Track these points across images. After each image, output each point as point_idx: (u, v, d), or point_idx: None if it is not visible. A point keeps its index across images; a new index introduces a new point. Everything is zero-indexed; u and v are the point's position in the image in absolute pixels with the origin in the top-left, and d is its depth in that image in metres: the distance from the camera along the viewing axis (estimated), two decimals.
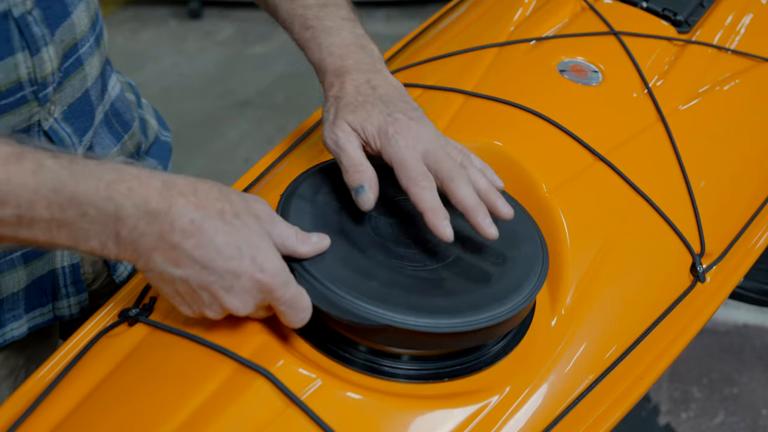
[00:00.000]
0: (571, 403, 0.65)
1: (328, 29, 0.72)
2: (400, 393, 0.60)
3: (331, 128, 0.67)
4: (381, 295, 0.59)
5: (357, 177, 0.64)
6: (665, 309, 0.73)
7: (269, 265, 0.56)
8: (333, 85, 0.69)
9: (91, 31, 0.72)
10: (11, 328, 0.73)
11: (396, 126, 0.65)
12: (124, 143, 0.81)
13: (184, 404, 0.56)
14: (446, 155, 0.64)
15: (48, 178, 0.51)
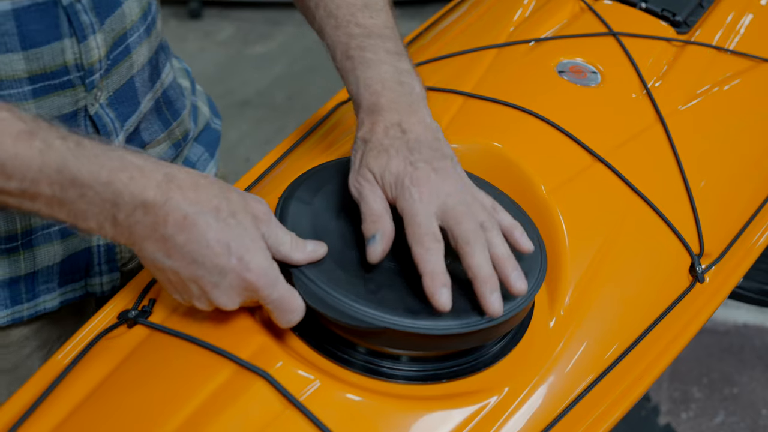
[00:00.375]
0: (570, 403, 0.65)
1: (368, 62, 0.68)
2: (398, 394, 0.60)
3: (355, 175, 0.64)
4: (379, 297, 0.59)
5: (372, 227, 0.61)
6: (664, 309, 0.74)
7: (256, 265, 0.56)
8: (363, 124, 0.66)
9: (142, 21, 0.72)
10: (44, 299, 0.75)
11: (415, 176, 0.61)
12: (171, 130, 0.82)
13: (183, 406, 0.56)
14: (466, 213, 0.60)
15: (53, 158, 0.53)
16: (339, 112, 0.89)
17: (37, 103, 0.65)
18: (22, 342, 0.76)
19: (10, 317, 0.74)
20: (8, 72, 0.62)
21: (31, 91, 0.64)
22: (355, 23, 0.70)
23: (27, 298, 0.74)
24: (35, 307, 0.74)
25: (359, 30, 0.70)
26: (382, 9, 0.72)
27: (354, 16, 0.70)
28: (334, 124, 0.87)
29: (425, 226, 0.59)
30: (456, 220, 0.60)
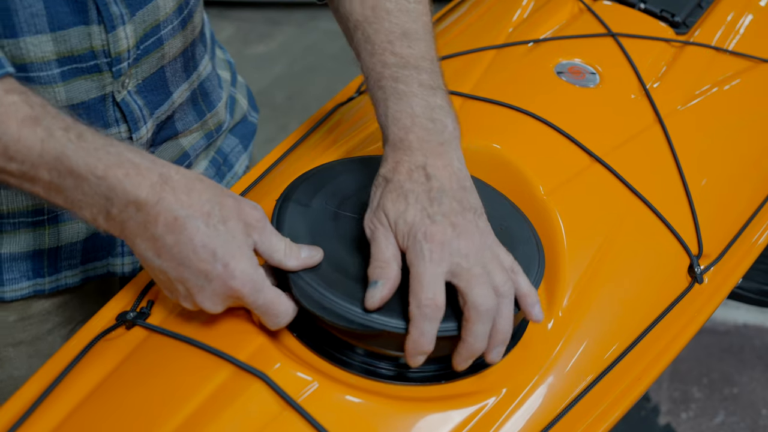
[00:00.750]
0: (569, 404, 0.65)
1: (400, 94, 0.65)
2: (396, 395, 0.60)
3: (371, 215, 0.62)
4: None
5: (377, 273, 0.59)
6: (663, 310, 0.74)
7: (240, 272, 0.57)
8: (387, 161, 0.63)
9: (177, 14, 0.72)
10: (65, 275, 0.76)
11: (430, 231, 0.58)
12: (205, 121, 0.82)
13: (181, 407, 0.56)
14: (480, 277, 0.58)
15: (53, 147, 0.54)
16: (339, 112, 0.89)
17: (66, 86, 0.66)
18: (44, 316, 0.78)
19: (31, 289, 0.75)
20: (38, 54, 0.63)
21: (59, 73, 0.65)
22: (390, 51, 0.67)
23: (49, 272, 0.75)
24: (57, 281, 0.76)
25: (394, 59, 0.66)
26: (421, 38, 0.68)
27: (391, 43, 0.67)
28: (334, 125, 0.87)
29: (429, 290, 0.57)
30: (468, 284, 0.58)
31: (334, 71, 2.89)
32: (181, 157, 0.81)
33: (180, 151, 0.80)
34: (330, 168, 0.72)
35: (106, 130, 0.70)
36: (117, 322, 0.64)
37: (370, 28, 0.68)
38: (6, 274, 0.74)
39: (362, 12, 0.69)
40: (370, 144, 0.81)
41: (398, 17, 0.68)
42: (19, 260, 0.74)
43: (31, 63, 0.63)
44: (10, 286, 0.74)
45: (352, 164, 0.73)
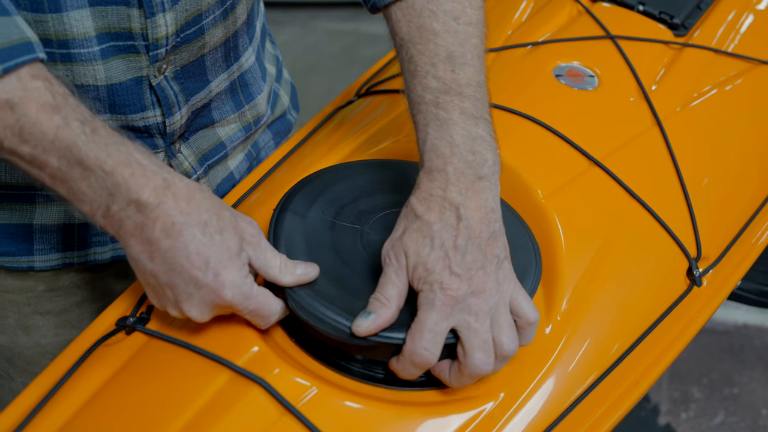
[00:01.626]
0: (567, 409, 0.65)
1: (441, 121, 0.62)
2: (395, 400, 0.61)
3: (391, 245, 0.60)
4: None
5: (374, 305, 0.58)
6: (661, 314, 0.74)
7: (230, 282, 0.58)
8: (420, 189, 0.61)
9: (219, 5, 0.72)
10: (95, 251, 0.78)
11: (446, 283, 0.57)
12: (242, 113, 0.83)
13: (181, 413, 0.57)
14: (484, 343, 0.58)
15: (67, 136, 0.55)
16: (339, 114, 0.89)
17: (105, 65, 0.67)
18: (72, 289, 0.80)
19: (60, 261, 0.77)
20: (80, 29, 0.64)
21: (99, 51, 0.66)
22: (433, 75, 0.64)
23: (78, 246, 0.77)
24: (86, 256, 0.77)
25: (436, 84, 0.64)
26: (468, 63, 0.65)
27: (434, 66, 0.64)
28: (335, 128, 0.87)
29: (427, 341, 0.57)
30: (470, 344, 0.58)
31: (335, 71, 2.89)
32: (217, 147, 0.81)
33: (216, 140, 0.81)
34: (327, 174, 0.72)
35: (142, 112, 0.71)
36: (117, 327, 0.65)
37: (414, 48, 0.66)
38: (37, 244, 0.75)
39: (408, 31, 0.67)
40: (370, 147, 0.82)
41: (444, 39, 0.65)
42: (50, 232, 0.75)
43: (73, 39, 0.64)
44: (40, 257, 0.76)
45: (350, 169, 0.73)
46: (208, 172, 0.81)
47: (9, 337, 0.81)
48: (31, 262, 0.76)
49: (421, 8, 0.66)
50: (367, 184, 0.72)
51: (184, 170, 0.78)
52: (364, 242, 0.66)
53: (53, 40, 0.64)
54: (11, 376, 0.84)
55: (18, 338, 0.81)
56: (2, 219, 0.74)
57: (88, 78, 0.67)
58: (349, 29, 2.89)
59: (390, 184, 0.72)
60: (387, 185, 0.72)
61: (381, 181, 0.72)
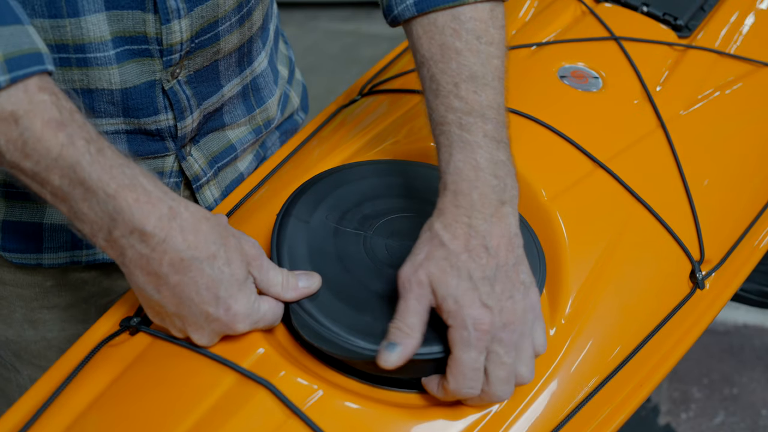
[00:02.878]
0: (571, 411, 0.65)
1: (466, 143, 0.62)
2: (401, 403, 0.60)
3: (412, 270, 0.59)
4: (374, 328, 0.59)
5: (398, 336, 0.58)
6: (665, 316, 0.74)
7: (242, 315, 0.58)
8: (445, 214, 0.60)
9: (236, 12, 0.72)
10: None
11: (480, 318, 0.57)
12: (253, 116, 0.83)
13: (186, 416, 0.56)
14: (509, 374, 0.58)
15: (71, 155, 0.54)
16: (342, 114, 0.89)
17: (120, 69, 0.66)
18: (79, 285, 0.80)
19: (68, 259, 0.77)
20: (96, 33, 0.63)
21: (114, 55, 0.65)
22: (455, 95, 0.63)
23: (87, 245, 0.76)
24: (94, 255, 0.77)
25: (459, 104, 0.63)
26: (489, 84, 0.64)
27: (457, 87, 0.63)
28: (337, 127, 0.87)
29: (470, 380, 0.58)
30: (495, 374, 0.58)
31: (334, 71, 2.89)
32: (227, 149, 0.81)
33: (226, 143, 0.81)
34: (331, 176, 0.72)
35: (155, 116, 0.71)
36: (121, 328, 0.64)
37: (435, 67, 0.64)
38: (46, 242, 0.75)
39: (429, 48, 0.65)
40: (373, 146, 0.81)
41: (467, 58, 0.64)
42: (59, 231, 0.75)
43: (90, 43, 0.64)
44: (48, 254, 0.76)
45: (353, 171, 0.73)
46: (218, 174, 0.81)
47: (16, 331, 0.81)
48: (40, 260, 0.76)
49: (443, 26, 0.65)
50: (371, 186, 0.72)
51: (194, 172, 0.78)
52: (368, 248, 0.66)
53: (70, 44, 0.63)
54: (18, 369, 0.84)
55: (25, 332, 0.81)
56: (13, 216, 0.74)
57: (103, 82, 0.67)
58: (349, 29, 2.88)
59: (396, 187, 0.72)
60: (392, 187, 0.72)
61: (386, 182, 0.72)
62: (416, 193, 0.72)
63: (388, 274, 0.64)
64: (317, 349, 0.61)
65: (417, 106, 0.86)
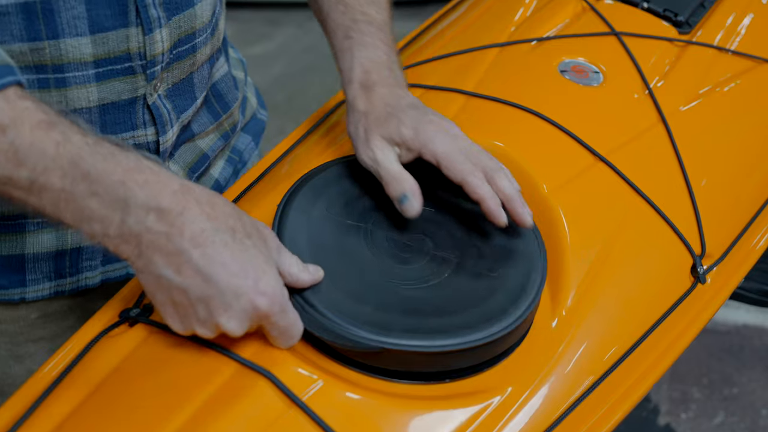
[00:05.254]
0: (572, 404, 0.65)
1: (365, 44, 0.73)
2: (401, 394, 0.60)
3: (366, 145, 0.68)
4: (375, 318, 0.59)
5: (398, 188, 0.65)
6: (666, 310, 0.73)
7: (271, 290, 0.55)
8: (358, 98, 0.70)
9: (210, 24, 0.74)
10: (86, 276, 0.76)
11: (433, 126, 0.67)
12: (220, 123, 0.83)
13: (185, 405, 0.56)
14: (482, 153, 0.67)
15: (69, 150, 0.52)
16: (339, 111, 0.89)
17: (99, 87, 0.66)
18: (64, 313, 0.78)
19: (54, 289, 0.75)
20: (76, 55, 0.63)
21: (94, 74, 0.65)
22: (361, 12, 0.76)
23: (70, 272, 0.75)
24: (77, 282, 0.76)
25: (364, 18, 0.76)
26: (385, 8, 0.78)
27: (362, 6, 0.76)
28: (334, 123, 0.86)
29: (466, 162, 0.65)
30: (478, 158, 0.66)
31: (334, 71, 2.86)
32: (201, 158, 0.81)
33: (199, 153, 0.81)
34: (331, 168, 0.72)
35: (133, 131, 0.70)
36: (120, 319, 0.64)
37: None
38: (29, 274, 0.73)
39: None
40: None
41: None
42: (41, 261, 0.73)
43: (68, 63, 0.63)
44: (32, 287, 0.74)
45: (354, 163, 0.73)
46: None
47: (1, 369, 0.79)
48: (23, 294, 0.74)
49: None
50: (372, 178, 0.71)
51: None
52: (368, 241, 0.66)
53: (48, 65, 0.63)
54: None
55: (10, 369, 0.79)
56: None
57: (81, 101, 0.66)
58: None
59: None
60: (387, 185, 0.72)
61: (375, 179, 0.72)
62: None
63: (388, 266, 0.64)
64: (318, 339, 0.61)
65: None
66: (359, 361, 0.61)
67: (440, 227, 0.68)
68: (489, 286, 0.64)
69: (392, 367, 0.60)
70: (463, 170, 0.65)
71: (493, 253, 0.66)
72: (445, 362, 0.60)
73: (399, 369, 0.60)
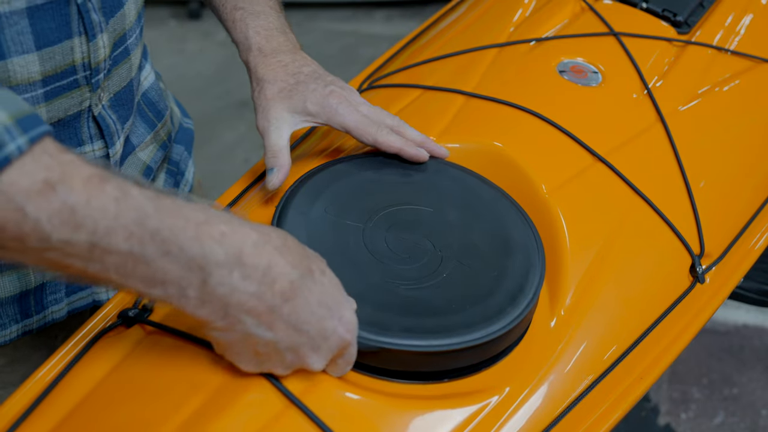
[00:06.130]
0: (571, 403, 0.65)
1: (257, 13, 0.77)
2: (399, 393, 0.60)
3: (263, 115, 0.72)
4: (374, 318, 0.59)
5: (271, 161, 0.70)
6: (665, 310, 0.73)
7: (350, 321, 0.55)
8: (259, 66, 0.74)
9: (137, 23, 0.74)
10: (52, 311, 0.75)
11: (335, 97, 0.71)
12: (157, 132, 0.82)
13: (184, 405, 0.56)
14: (383, 113, 0.73)
15: (131, 206, 0.47)
16: None
17: (48, 106, 0.64)
18: (31, 354, 0.75)
19: (21, 331, 0.73)
20: (24, 75, 0.60)
21: (43, 94, 0.63)
22: None
23: (36, 310, 0.73)
24: (44, 318, 0.74)
25: None
26: None
27: None
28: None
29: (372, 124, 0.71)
30: (381, 118, 0.73)
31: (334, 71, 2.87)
32: (145, 172, 0.80)
33: (143, 165, 0.80)
34: (330, 168, 0.72)
35: (80, 147, 0.69)
36: (119, 320, 0.64)
37: None
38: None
39: None
40: None
41: None
42: (6, 305, 0.71)
43: (17, 86, 0.60)
44: (0, 332, 0.72)
45: (352, 164, 0.73)
46: None
47: None
48: None
49: None
50: (370, 179, 0.72)
51: None
52: (366, 241, 0.66)
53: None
54: None
55: None
56: None
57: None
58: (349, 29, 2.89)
59: (394, 179, 0.72)
60: (391, 180, 0.72)
61: (385, 175, 0.72)
62: (415, 186, 0.72)
63: (386, 266, 0.64)
64: None
65: (416, 101, 0.86)
66: (358, 361, 0.61)
67: (438, 227, 0.68)
68: (487, 286, 0.64)
69: (391, 366, 0.60)
70: (372, 132, 0.71)
71: (491, 253, 0.66)
72: (444, 362, 0.60)
73: (397, 369, 0.61)
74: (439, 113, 0.82)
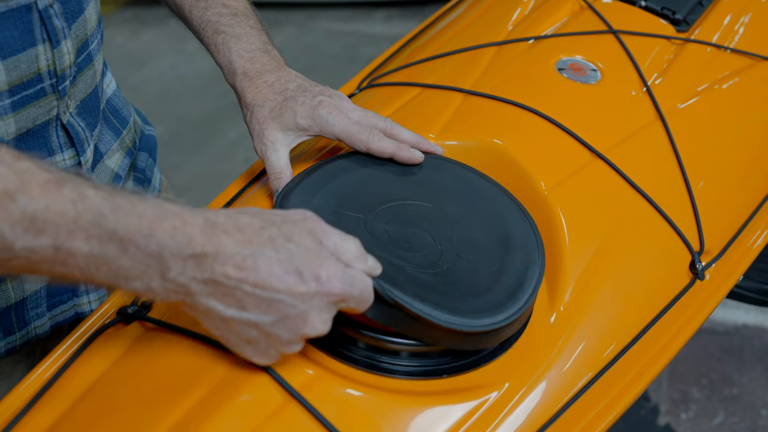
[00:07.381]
0: (570, 399, 0.65)
1: (238, 35, 0.77)
2: (399, 389, 0.60)
3: (259, 139, 0.73)
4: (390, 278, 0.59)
5: (275, 183, 0.71)
6: (664, 306, 0.73)
7: (335, 278, 0.53)
8: (246, 90, 0.74)
9: (98, 29, 0.74)
10: (35, 326, 0.73)
11: (324, 107, 0.71)
12: (122, 139, 0.82)
13: (184, 399, 0.56)
14: (374, 117, 0.73)
15: (88, 208, 0.48)
16: None
17: (16, 116, 0.63)
18: (14, 367, 0.74)
19: (3, 348, 0.72)
20: None
21: (10, 104, 0.62)
22: (222, 4, 0.80)
23: (18, 326, 0.72)
24: (27, 334, 0.73)
25: (226, 10, 0.80)
26: None
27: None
28: None
29: (363, 131, 0.71)
30: (373, 123, 0.72)
31: (334, 71, 2.89)
32: (114, 180, 0.80)
33: (111, 173, 0.79)
34: (331, 163, 0.72)
35: (51, 157, 0.68)
36: (118, 317, 0.64)
37: None
38: None
39: None
40: None
41: None
42: None
43: None
44: None
45: (353, 159, 0.73)
46: None
47: None
48: None
49: None
50: (371, 174, 0.72)
51: None
52: (369, 231, 0.66)
53: None
54: None
55: None
56: None
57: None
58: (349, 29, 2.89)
59: (395, 175, 0.72)
60: (392, 175, 0.72)
61: (385, 170, 0.72)
62: (414, 182, 0.72)
63: (390, 254, 0.64)
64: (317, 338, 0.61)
65: (415, 99, 0.86)
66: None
67: (439, 222, 0.68)
68: (487, 281, 0.64)
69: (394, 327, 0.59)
70: (363, 140, 0.71)
71: (490, 248, 0.66)
72: (445, 338, 0.60)
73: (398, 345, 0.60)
74: (439, 111, 0.82)
